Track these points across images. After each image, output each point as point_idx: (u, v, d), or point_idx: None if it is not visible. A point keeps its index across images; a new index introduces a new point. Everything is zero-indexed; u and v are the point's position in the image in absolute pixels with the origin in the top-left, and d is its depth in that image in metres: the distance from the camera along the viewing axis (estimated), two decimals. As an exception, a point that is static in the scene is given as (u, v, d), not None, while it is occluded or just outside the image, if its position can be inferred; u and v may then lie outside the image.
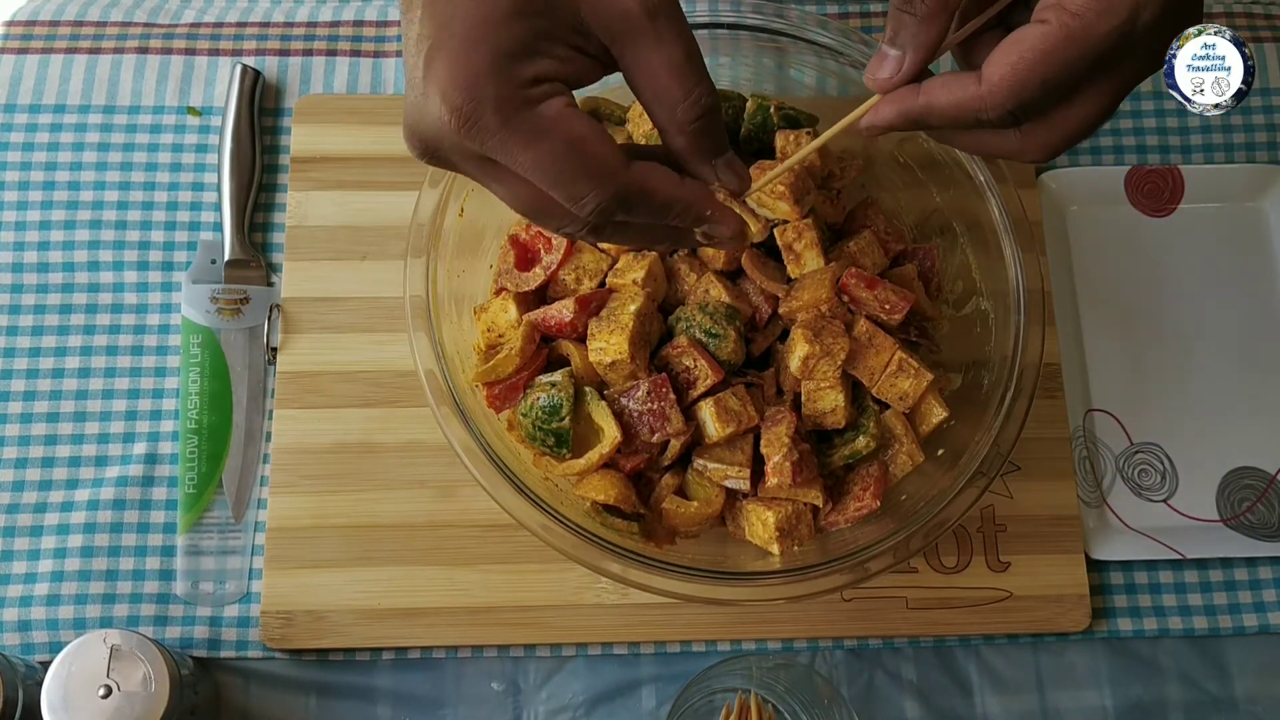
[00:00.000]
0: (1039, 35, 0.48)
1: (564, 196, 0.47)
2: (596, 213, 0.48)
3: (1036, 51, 0.48)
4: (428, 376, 0.66)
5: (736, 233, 0.53)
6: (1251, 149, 0.88)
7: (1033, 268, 0.69)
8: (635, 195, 0.48)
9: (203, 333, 0.80)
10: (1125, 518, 0.79)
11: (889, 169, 0.77)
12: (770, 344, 0.71)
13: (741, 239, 0.54)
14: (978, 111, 0.50)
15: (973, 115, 0.50)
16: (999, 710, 0.75)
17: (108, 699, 0.63)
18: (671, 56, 0.47)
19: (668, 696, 0.74)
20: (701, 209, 0.51)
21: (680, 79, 0.48)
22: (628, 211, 0.48)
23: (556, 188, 0.47)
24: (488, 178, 0.49)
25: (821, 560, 0.64)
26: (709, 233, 0.53)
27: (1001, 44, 0.49)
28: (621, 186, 0.47)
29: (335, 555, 0.75)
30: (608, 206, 0.48)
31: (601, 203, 0.47)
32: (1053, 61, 0.48)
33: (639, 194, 0.48)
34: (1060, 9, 0.47)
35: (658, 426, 0.65)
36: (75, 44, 0.86)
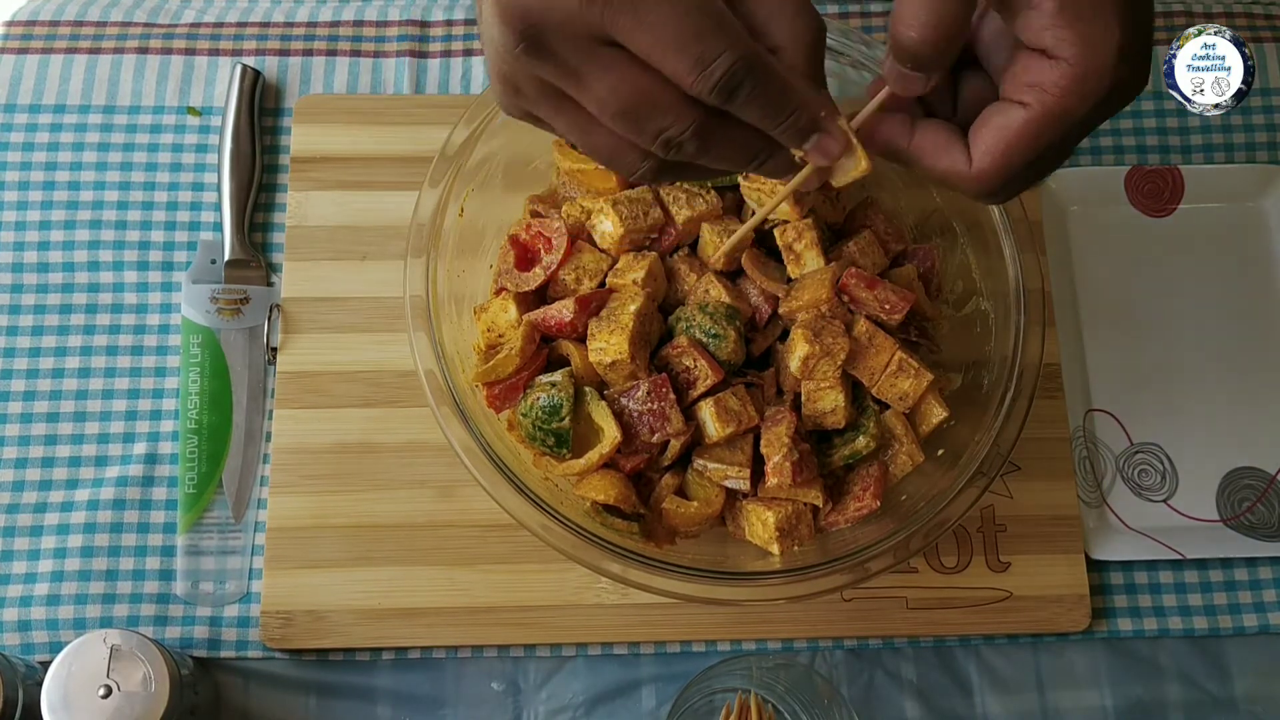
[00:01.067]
0: (1023, 121, 0.48)
1: (693, 59, 0.43)
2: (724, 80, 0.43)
3: (1024, 139, 0.48)
4: (428, 376, 0.66)
5: (842, 150, 0.49)
6: (1251, 149, 0.88)
7: (1033, 268, 0.69)
8: (762, 68, 0.44)
9: (203, 333, 0.80)
10: (1125, 518, 0.79)
11: (889, 169, 0.77)
12: (770, 344, 0.71)
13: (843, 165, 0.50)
14: (962, 187, 0.50)
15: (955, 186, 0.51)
16: (999, 710, 0.75)
17: (108, 699, 0.63)
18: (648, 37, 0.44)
19: (668, 696, 0.74)
20: (817, 110, 0.47)
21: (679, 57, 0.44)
22: (752, 88, 0.44)
23: (686, 47, 0.43)
24: (590, 66, 0.44)
25: (821, 560, 0.64)
26: (816, 147, 0.49)
27: (987, 126, 0.49)
28: (753, 50, 0.44)
29: (335, 555, 0.75)
30: (738, 72, 0.43)
31: (734, 64, 0.43)
32: (1039, 143, 0.48)
33: (765, 68, 0.44)
34: (1040, 91, 0.47)
35: (658, 426, 0.65)
36: (75, 44, 0.86)
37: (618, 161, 0.48)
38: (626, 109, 0.45)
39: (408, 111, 0.85)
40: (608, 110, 0.45)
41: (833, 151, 0.49)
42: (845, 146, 0.50)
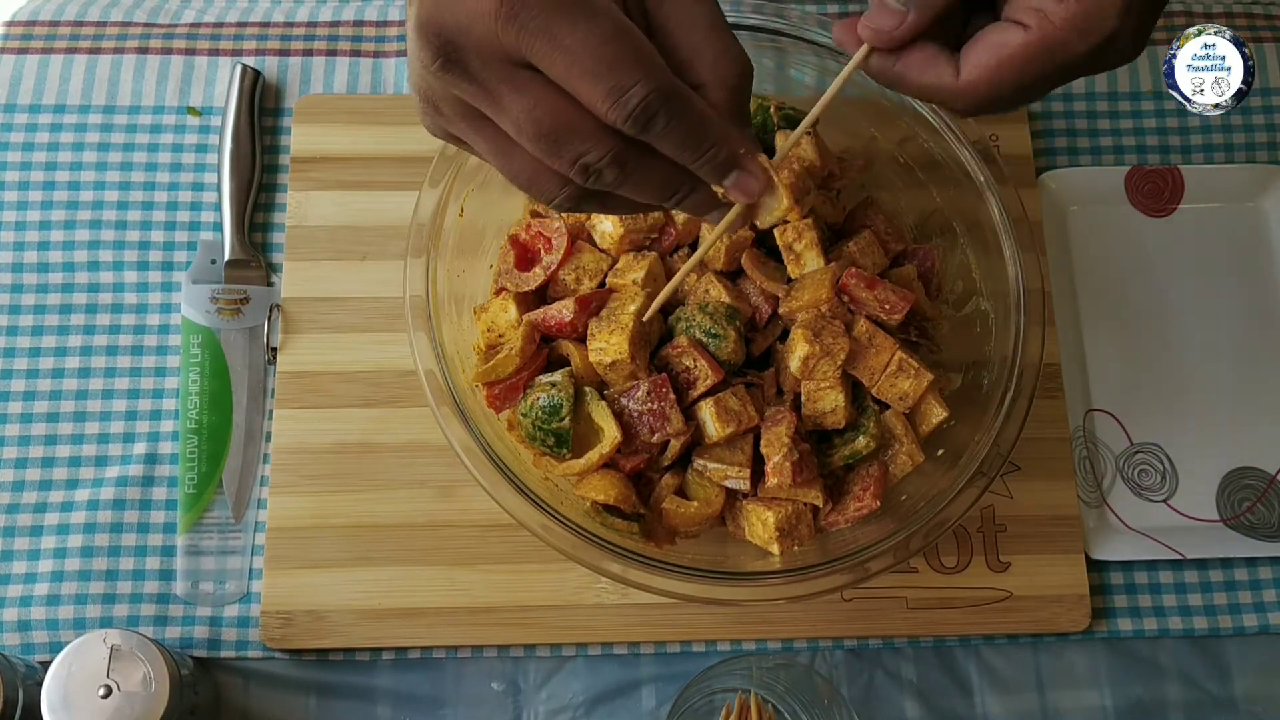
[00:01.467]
0: (1020, 44, 0.48)
1: (608, 88, 0.42)
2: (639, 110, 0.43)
3: (1015, 61, 0.48)
4: (428, 376, 0.66)
5: (763, 188, 0.49)
6: (1251, 149, 0.88)
7: (1033, 268, 0.69)
8: (679, 100, 0.44)
9: (203, 333, 0.80)
10: (1125, 518, 0.79)
11: (889, 169, 0.77)
12: (770, 344, 0.71)
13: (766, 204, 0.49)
14: (949, 101, 0.50)
15: (942, 101, 0.51)
16: (999, 710, 0.75)
17: (108, 699, 0.63)
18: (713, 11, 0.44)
19: (668, 696, 0.74)
20: (736, 146, 0.47)
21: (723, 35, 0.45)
22: (668, 120, 0.44)
23: (601, 75, 0.42)
24: (506, 87, 0.43)
25: (821, 560, 0.64)
26: (735, 184, 0.48)
27: (981, 42, 0.49)
28: (669, 82, 0.43)
29: (335, 555, 0.75)
30: (653, 102, 0.43)
31: (648, 94, 0.42)
32: (1029, 70, 0.49)
33: (682, 100, 0.44)
34: (1043, 17, 0.48)
35: (658, 426, 0.65)
36: (75, 44, 0.86)
37: (537, 187, 0.47)
38: (543, 132, 0.44)
39: (408, 111, 0.83)
40: (524, 133, 0.44)
41: (752, 189, 0.49)
42: (766, 184, 0.49)
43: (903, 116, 0.73)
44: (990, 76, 0.49)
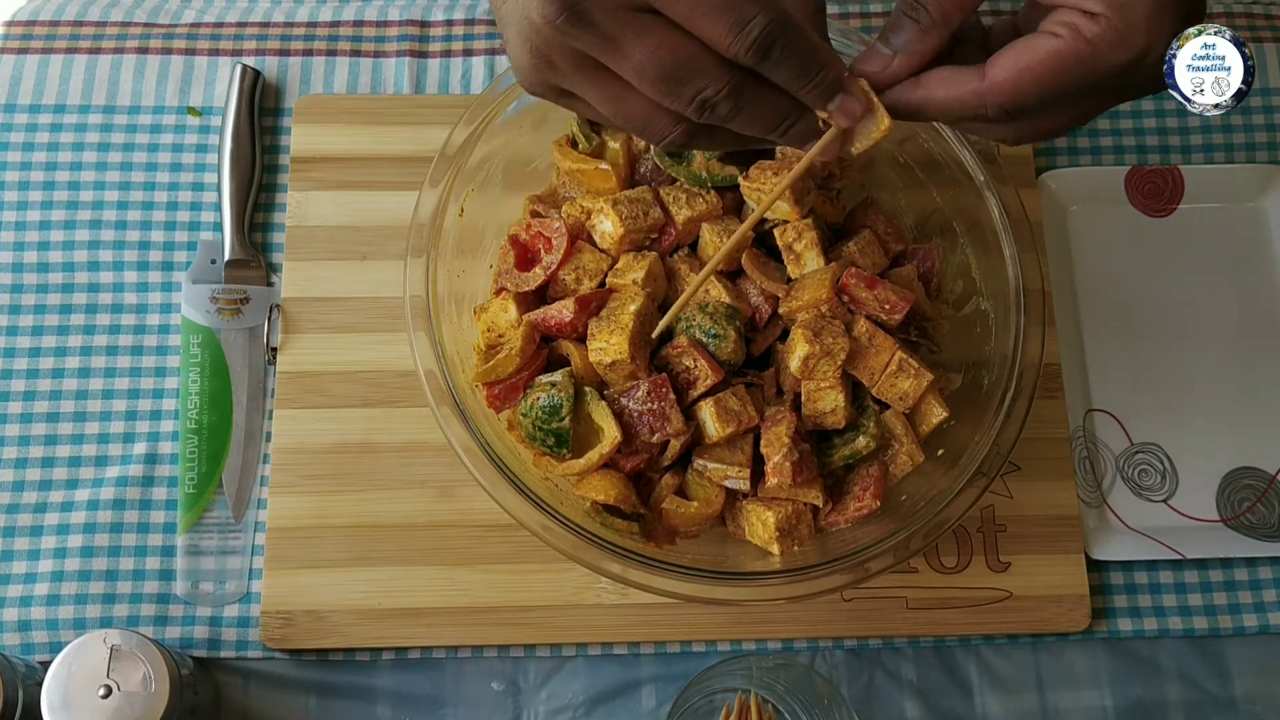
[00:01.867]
0: (1049, 50, 0.50)
1: (730, 22, 0.45)
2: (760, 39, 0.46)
3: (1044, 66, 0.50)
4: (428, 376, 0.66)
5: (864, 110, 0.51)
6: (1251, 149, 0.88)
7: (1033, 268, 0.69)
8: (794, 29, 0.47)
9: (203, 333, 0.80)
10: (1125, 518, 0.79)
11: (889, 169, 0.77)
12: (770, 344, 0.71)
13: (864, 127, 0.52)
14: (976, 108, 0.51)
15: (970, 111, 0.52)
16: (999, 710, 0.75)
17: (108, 699, 0.63)
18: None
19: (668, 696, 0.74)
20: (841, 70, 0.49)
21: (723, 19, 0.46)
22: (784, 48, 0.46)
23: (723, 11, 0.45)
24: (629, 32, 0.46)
25: (821, 560, 0.65)
26: (840, 107, 0.50)
27: (1011, 47, 0.51)
28: (784, 13, 0.46)
29: (335, 555, 0.75)
30: (772, 32, 0.46)
31: (768, 25, 0.45)
32: (1056, 79, 0.50)
33: (796, 29, 0.47)
34: (1075, 30, 0.49)
35: (658, 426, 0.65)
36: (75, 44, 0.86)
37: (651, 128, 0.49)
38: (666, 73, 0.46)
39: (408, 111, 0.85)
40: (647, 75, 0.46)
41: (855, 112, 0.51)
42: (867, 107, 0.51)
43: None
44: (1016, 80, 0.50)
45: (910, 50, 0.52)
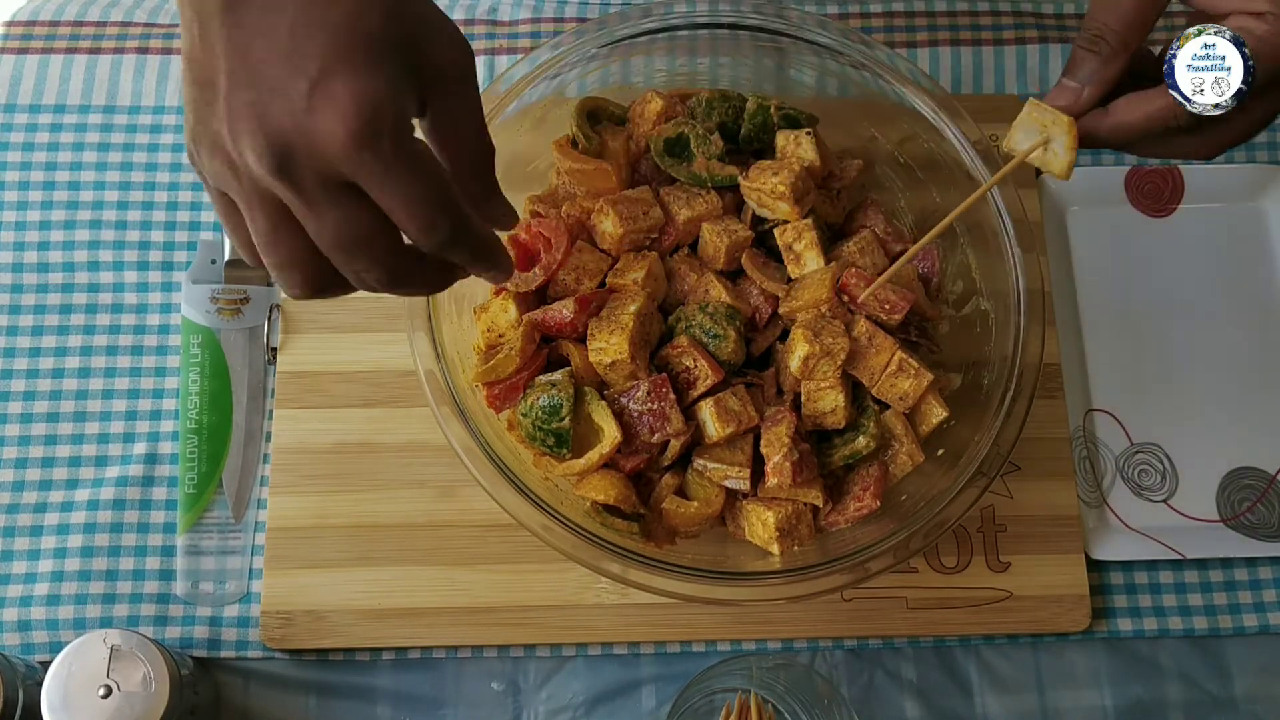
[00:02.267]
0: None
1: (421, 224, 0.48)
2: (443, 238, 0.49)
3: None
4: (428, 376, 0.66)
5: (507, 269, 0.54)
6: (1251, 149, 0.88)
7: (1033, 268, 0.69)
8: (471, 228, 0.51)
9: (203, 333, 0.80)
10: (1125, 518, 0.79)
11: (889, 169, 0.77)
12: (770, 344, 0.71)
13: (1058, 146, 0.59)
14: (1169, 120, 0.56)
15: (1164, 124, 0.57)
16: (999, 710, 0.75)
17: (108, 699, 0.63)
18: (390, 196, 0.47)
19: (667, 697, 0.74)
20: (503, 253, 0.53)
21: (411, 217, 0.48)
22: (455, 243, 0.50)
23: (419, 214, 0.48)
24: (325, 199, 0.47)
25: (821, 560, 0.64)
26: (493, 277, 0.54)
27: None
28: (463, 217, 0.50)
29: (335, 555, 0.75)
30: (450, 235, 0.49)
31: (450, 227, 0.49)
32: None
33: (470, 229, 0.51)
34: (1247, 32, 0.55)
35: (658, 426, 0.65)
36: (75, 44, 0.86)
37: (289, 273, 0.50)
38: (343, 244, 0.48)
39: (408, 111, 0.84)
40: (324, 238, 0.48)
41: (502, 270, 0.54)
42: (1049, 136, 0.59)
43: (902, 117, 0.73)
44: None
45: (1096, 80, 0.58)
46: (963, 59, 0.89)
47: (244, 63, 0.46)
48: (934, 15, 0.90)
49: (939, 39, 0.89)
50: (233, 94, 0.46)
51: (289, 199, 0.47)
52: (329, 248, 0.48)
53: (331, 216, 0.47)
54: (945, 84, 0.87)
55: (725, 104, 0.73)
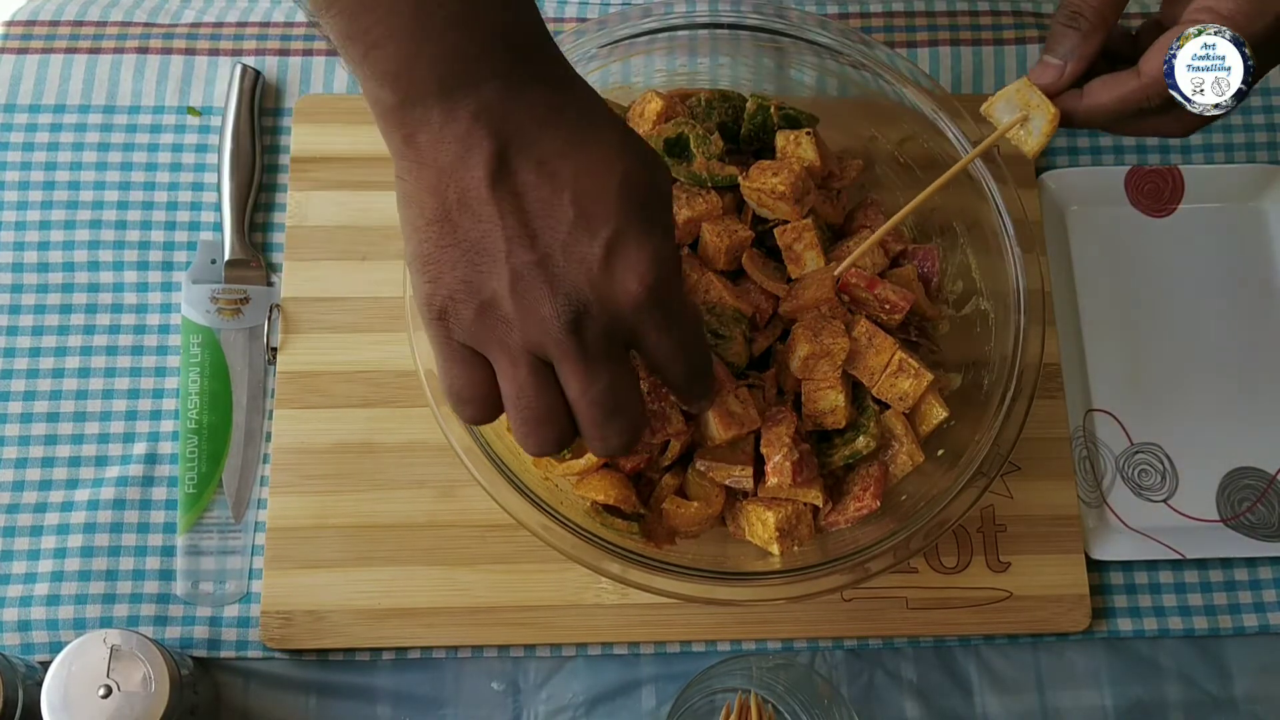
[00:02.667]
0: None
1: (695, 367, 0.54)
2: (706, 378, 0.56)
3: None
4: (428, 377, 0.66)
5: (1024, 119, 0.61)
6: (1251, 149, 0.88)
7: (1033, 268, 0.69)
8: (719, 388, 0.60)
9: (203, 333, 0.80)
10: (1125, 518, 0.79)
11: (889, 169, 0.77)
12: (771, 344, 0.71)
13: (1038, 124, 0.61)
14: (1141, 101, 0.58)
15: (1136, 105, 0.58)
16: (999, 710, 0.75)
17: (108, 699, 0.63)
18: (669, 344, 0.51)
19: (668, 696, 0.74)
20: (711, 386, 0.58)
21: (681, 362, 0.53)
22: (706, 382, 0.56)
23: (695, 357, 0.53)
24: (603, 357, 0.50)
25: (822, 560, 0.65)
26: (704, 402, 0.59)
27: (1160, 40, 0.56)
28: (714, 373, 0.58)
29: (335, 555, 0.75)
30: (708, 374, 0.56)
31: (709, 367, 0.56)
32: None
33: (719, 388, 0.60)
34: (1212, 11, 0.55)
35: (658, 427, 0.65)
36: (75, 44, 0.86)
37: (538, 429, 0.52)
38: (608, 407, 0.51)
39: (408, 111, 0.84)
40: (591, 396, 0.50)
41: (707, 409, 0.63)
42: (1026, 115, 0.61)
43: (902, 117, 0.73)
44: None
45: (1077, 55, 0.59)
46: (963, 59, 0.89)
47: (526, 229, 0.48)
48: (934, 15, 0.90)
49: (939, 39, 0.89)
50: (515, 255, 0.48)
51: (568, 356, 0.49)
52: (592, 404, 0.50)
53: (607, 375, 0.50)
54: (945, 84, 0.87)
55: (725, 104, 0.73)
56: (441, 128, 0.48)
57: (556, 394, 0.50)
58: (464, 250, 0.48)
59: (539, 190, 0.48)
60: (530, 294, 0.48)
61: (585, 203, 0.48)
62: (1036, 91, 0.61)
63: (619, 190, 0.48)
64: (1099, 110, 0.59)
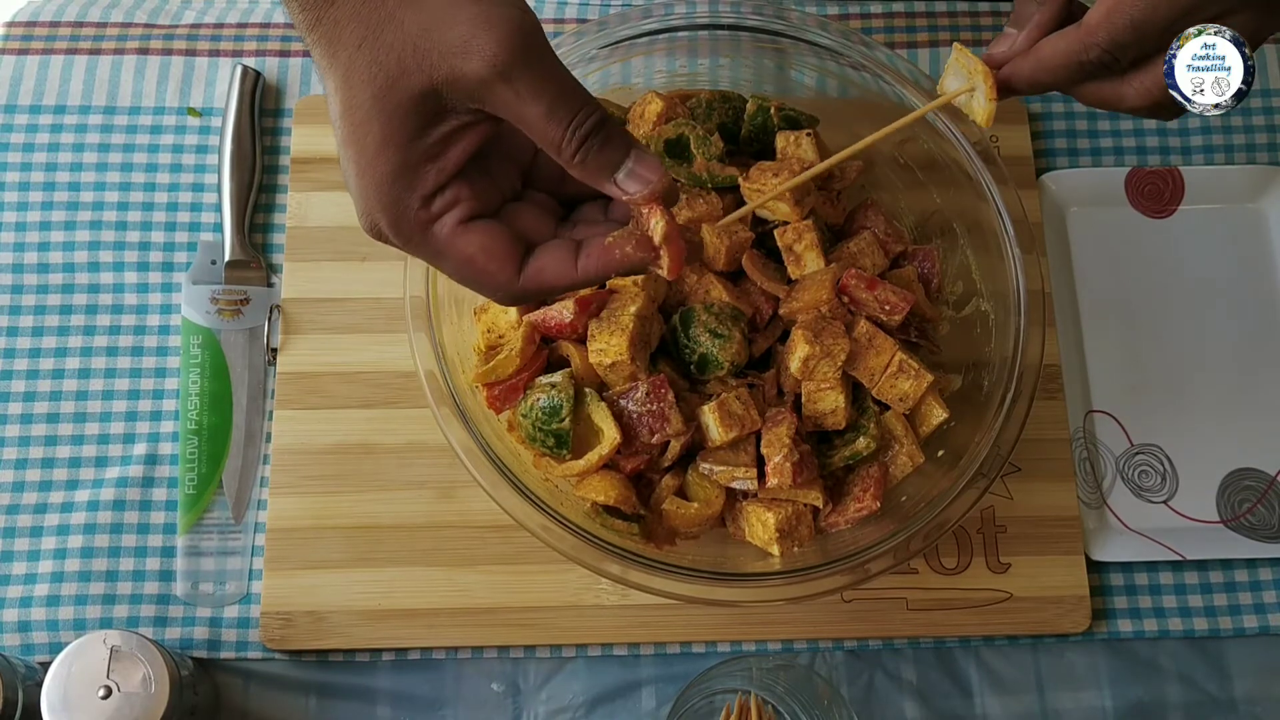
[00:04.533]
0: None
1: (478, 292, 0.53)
2: (508, 303, 0.54)
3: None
4: (428, 377, 0.66)
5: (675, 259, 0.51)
6: (1251, 150, 0.88)
7: (1033, 269, 0.69)
8: (534, 293, 0.52)
9: (203, 333, 0.80)
10: (1125, 519, 0.79)
11: (889, 170, 0.77)
12: (771, 345, 0.71)
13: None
14: (1080, 54, 0.55)
15: (1077, 61, 0.56)
16: (999, 711, 0.75)
17: (108, 699, 0.63)
18: (534, 111, 0.49)
19: (667, 697, 0.74)
20: (610, 271, 0.52)
21: (551, 126, 0.49)
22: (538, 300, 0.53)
23: (467, 288, 0.53)
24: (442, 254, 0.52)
25: (822, 561, 0.64)
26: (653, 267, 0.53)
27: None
28: (518, 293, 0.52)
29: (335, 556, 0.75)
30: (512, 303, 0.54)
31: (505, 302, 0.53)
32: (1142, 4, 0.53)
33: (537, 291, 0.52)
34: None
35: (657, 427, 0.65)
36: (75, 45, 0.86)
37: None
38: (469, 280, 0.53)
39: (408, 112, 0.84)
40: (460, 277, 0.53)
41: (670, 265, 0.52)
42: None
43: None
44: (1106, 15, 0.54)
45: (1033, 24, 0.58)
46: (963, 60, 0.88)
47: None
48: (934, 15, 0.90)
49: (939, 39, 0.89)
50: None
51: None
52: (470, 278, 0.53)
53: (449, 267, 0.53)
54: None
55: (725, 105, 0.73)
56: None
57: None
58: None
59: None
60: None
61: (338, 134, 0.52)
62: (972, 58, 0.59)
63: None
64: (1044, 69, 0.57)
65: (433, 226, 0.51)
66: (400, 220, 0.51)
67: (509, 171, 0.54)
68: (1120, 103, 0.58)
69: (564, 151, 0.49)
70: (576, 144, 0.49)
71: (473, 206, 0.51)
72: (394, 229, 0.51)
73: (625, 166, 0.51)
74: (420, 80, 0.48)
